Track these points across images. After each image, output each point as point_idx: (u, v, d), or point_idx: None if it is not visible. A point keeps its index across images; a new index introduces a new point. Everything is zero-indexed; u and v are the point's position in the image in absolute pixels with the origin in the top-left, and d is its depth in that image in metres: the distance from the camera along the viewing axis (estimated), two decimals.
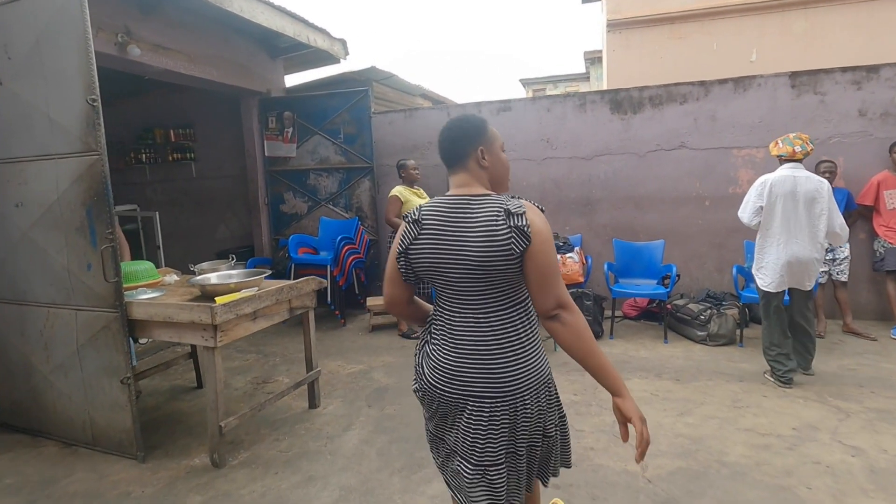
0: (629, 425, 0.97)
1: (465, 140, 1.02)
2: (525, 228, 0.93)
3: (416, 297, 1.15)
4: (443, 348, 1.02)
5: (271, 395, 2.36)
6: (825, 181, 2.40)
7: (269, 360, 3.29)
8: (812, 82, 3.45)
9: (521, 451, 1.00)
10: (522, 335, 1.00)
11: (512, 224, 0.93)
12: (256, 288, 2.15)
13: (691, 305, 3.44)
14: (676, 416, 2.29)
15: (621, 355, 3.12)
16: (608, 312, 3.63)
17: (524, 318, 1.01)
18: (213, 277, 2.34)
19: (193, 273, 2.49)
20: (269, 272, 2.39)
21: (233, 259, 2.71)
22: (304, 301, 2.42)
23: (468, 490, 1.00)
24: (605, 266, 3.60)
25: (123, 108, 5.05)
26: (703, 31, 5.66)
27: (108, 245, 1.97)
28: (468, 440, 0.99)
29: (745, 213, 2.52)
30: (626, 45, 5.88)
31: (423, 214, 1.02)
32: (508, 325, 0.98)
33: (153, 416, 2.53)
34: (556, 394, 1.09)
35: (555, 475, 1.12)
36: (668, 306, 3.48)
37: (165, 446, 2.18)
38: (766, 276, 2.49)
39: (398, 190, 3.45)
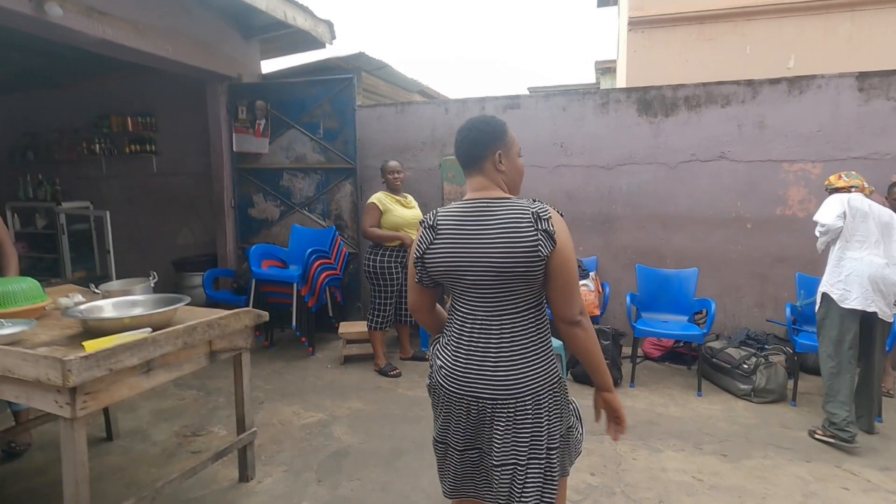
0: (601, 412, 1.12)
1: (482, 143, 1.02)
2: (552, 233, 0.94)
3: (438, 307, 1.16)
4: (453, 349, 1.04)
5: (198, 453, 1.71)
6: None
7: (211, 400, 2.66)
8: (885, 85, 2.86)
9: (522, 456, 0.99)
10: (534, 339, 1.01)
11: (540, 227, 0.94)
12: (149, 329, 1.53)
13: (730, 350, 2.80)
14: None
15: (646, 412, 2.48)
16: (625, 349, 3.01)
17: (536, 323, 1.01)
18: (107, 307, 1.73)
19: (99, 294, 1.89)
20: (187, 301, 1.78)
21: (154, 278, 2.10)
22: (235, 341, 1.80)
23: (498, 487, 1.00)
24: (628, 298, 2.98)
25: (78, 92, 4.47)
26: (736, 32, 5.10)
27: None
28: (469, 438, 1.03)
29: (825, 214, 2.23)
30: (648, 46, 5.32)
31: (438, 219, 1.03)
32: (520, 329, 0.99)
33: (34, 483, 1.90)
34: (566, 402, 1.08)
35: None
36: (702, 349, 2.85)
37: None
38: (850, 290, 2.15)
39: (377, 197, 2.85)
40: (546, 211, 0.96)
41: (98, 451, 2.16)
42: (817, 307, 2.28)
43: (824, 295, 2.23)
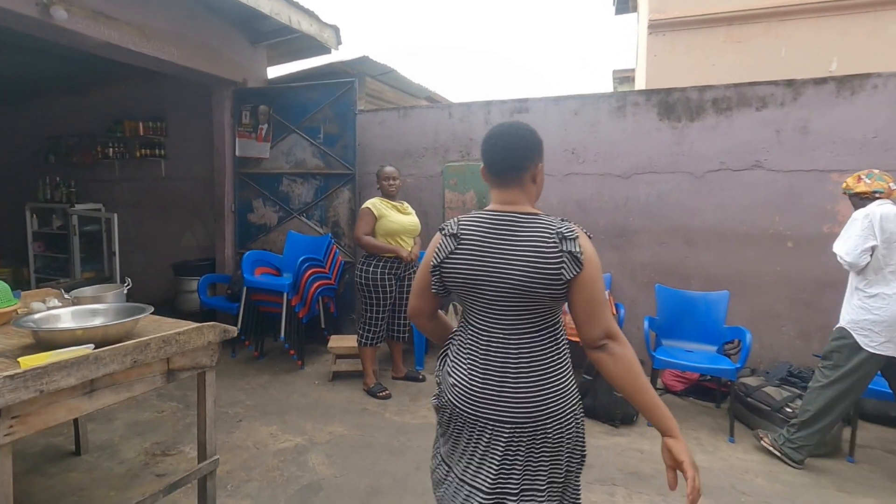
0: (678, 472, 0.90)
1: (525, 151, 0.96)
2: (578, 255, 0.90)
3: (440, 313, 1.11)
4: (468, 367, 0.97)
5: (162, 477, 1.54)
6: None
7: (190, 414, 2.51)
8: None
9: (541, 485, 0.93)
10: (553, 360, 0.95)
11: (564, 249, 0.90)
12: (92, 345, 1.37)
13: (769, 389, 2.41)
14: None
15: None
16: None
17: (554, 343, 0.96)
18: (65, 316, 1.61)
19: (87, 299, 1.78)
20: (150, 311, 1.63)
21: (128, 284, 1.98)
22: (198, 359, 1.63)
23: None
24: (646, 322, 2.65)
25: (97, 97, 4.60)
26: (769, 33, 4.70)
27: None
28: (483, 465, 0.94)
29: (849, 249, 1.95)
30: (670, 49, 4.99)
31: (461, 228, 0.98)
32: (537, 349, 0.94)
33: None
34: (583, 429, 1.00)
35: None
36: (734, 386, 2.47)
37: None
38: (880, 334, 1.90)
39: (372, 202, 2.68)
40: (572, 231, 0.91)
41: (63, 467, 2.04)
42: (832, 336, 2.03)
43: (842, 329, 1.98)
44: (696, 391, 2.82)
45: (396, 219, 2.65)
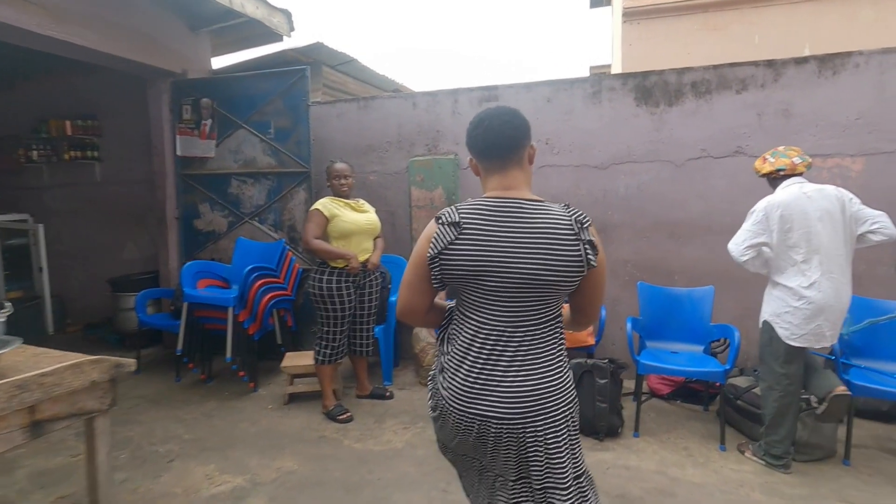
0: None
1: (521, 129, 0.95)
2: (595, 243, 0.91)
3: (436, 301, 1.04)
4: (458, 361, 0.95)
5: None
6: (842, 189, 1.86)
7: (111, 458, 2.14)
8: None
9: (538, 488, 0.93)
10: (553, 354, 0.94)
11: (583, 238, 0.89)
12: None
13: (758, 390, 2.24)
14: None
15: (658, 476, 1.92)
16: (627, 383, 2.48)
17: (552, 337, 0.95)
18: None
19: None
20: (17, 343, 1.29)
21: (8, 310, 1.62)
22: (80, 403, 1.31)
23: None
24: (629, 323, 2.44)
25: (14, 95, 4.09)
26: (744, 20, 4.65)
27: None
28: (486, 457, 0.96)
29: (736, 242, 1.94)
30: (646, 38, 4.88)
31: (462, 215, 0.92)
32: (538, 342, 0.93)
33: None
34: (577, 426, 0.99)
35: None
36: (723, 388, 2.29)
37: None
38: (798, 325, 1.84)
39: (321, 203, 2.38)
40: (587, 219, 0.91)
41: None
42: (760, 328, 1.98)
43: (766, 322, 1.94)
44: (682, 393, 2.64)
45: (350, 218, 2.36)
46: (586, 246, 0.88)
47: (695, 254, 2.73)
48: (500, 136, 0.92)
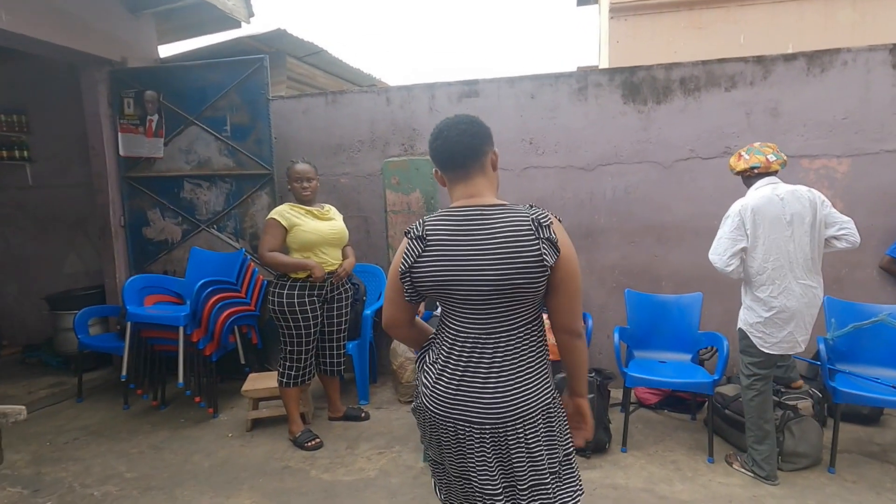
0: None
1: (480, 136, 0.95)
2: (555, 241, 0.89)
3: (418, 319, 1.07)
4: (440, 367, 0.96)
5: None
6: (814, 190, 1.83)
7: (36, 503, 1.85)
8: None
9: (523, 487, 0.93)
10: (530, 357, 0.94)
11: (542, 236, 0.89)
12: None
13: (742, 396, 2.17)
14: None
15: (645, 494, 1.83)
16: (614, 394, 2.38)
17: (532, 340, 0.95)
18: None
19: None
20: None
21: None
22: None
23: None
24: (616, 334, 2.32)
25: None
26: (729, 19, 4.63)
27: None
28: (467, 463, 0.95)
29: (718, 252, 1.88)
30: (633, 35, 4.80)
31: (427, 229, 0.94)
32: (513, 348, 0.93)
33: None
34: (561, 425, 0.99)
35: None
36: (713, 399, 2.22)
37: None
38: (771, 333, 1.83)
39: (278, 211, 2.12)
40: (547, 217, 0.90)
41: None
42: (738, 335, 1.96)
43: (741, 330, 1.93)
44: (669, 402, 2.57)
45: (311, 227, 2.11)
46: (544, 244, 0.87)
47: (682, 258, 2.64)
48: (459, 146, 0.92)
